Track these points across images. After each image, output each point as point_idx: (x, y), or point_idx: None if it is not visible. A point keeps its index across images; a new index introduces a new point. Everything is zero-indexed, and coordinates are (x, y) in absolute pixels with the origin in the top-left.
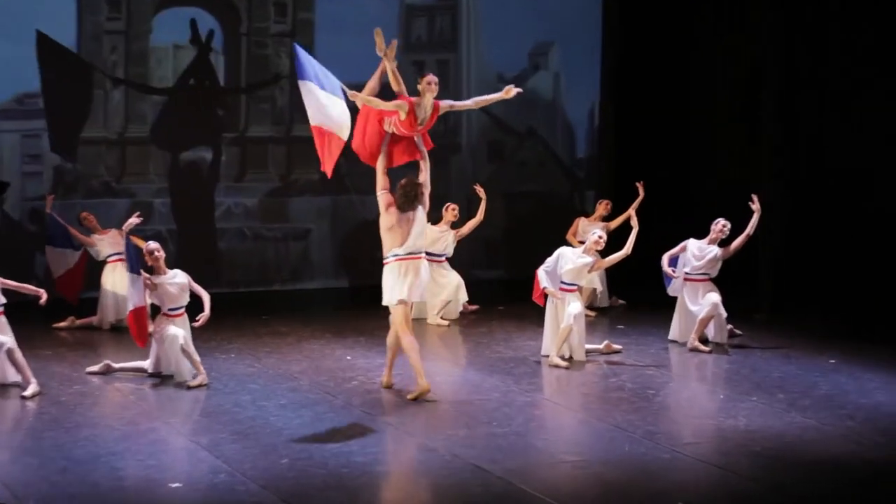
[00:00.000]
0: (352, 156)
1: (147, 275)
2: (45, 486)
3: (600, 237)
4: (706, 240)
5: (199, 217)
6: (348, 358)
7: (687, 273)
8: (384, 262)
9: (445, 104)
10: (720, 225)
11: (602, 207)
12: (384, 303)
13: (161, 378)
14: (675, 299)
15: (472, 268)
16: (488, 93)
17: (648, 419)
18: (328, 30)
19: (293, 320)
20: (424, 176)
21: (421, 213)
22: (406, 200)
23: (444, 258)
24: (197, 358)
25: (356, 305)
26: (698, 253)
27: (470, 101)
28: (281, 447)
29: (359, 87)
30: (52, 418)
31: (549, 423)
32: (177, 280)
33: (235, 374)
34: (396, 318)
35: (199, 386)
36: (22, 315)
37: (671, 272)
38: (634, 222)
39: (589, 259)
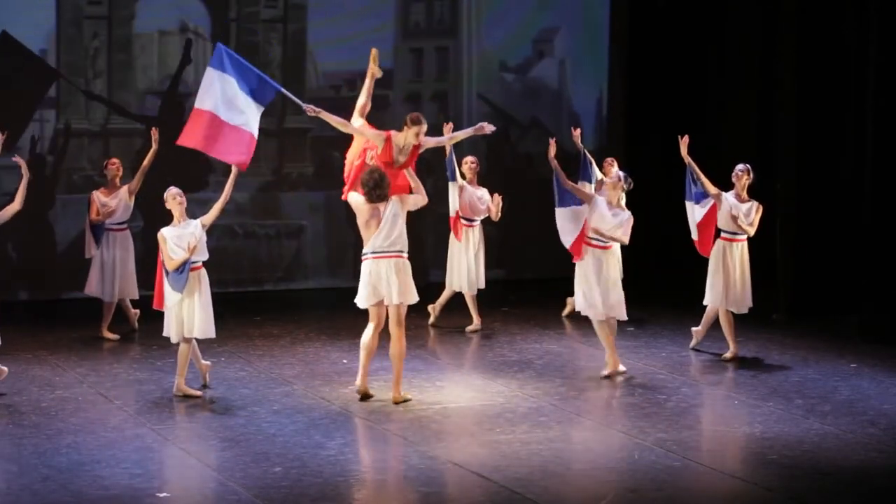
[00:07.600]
0: (344, 150)
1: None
2: (26, 495)
3: (609, 181)
4: (733, 196)
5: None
6: (344, 361)
7: (724, 231)
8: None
9: (425, 143)
10: (743, 179)
11: (608, 166)
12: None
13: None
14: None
15: None
16: (489, 83)
17: (659, 426)
18: (321, 14)
19: (286, 322)
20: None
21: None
22: (374, 189)
23: (477, 222)
24: (184, 362)
25: (352, 306)
26: (733, 211)
27: (445, 137)
28: (274, 455)
29: (354, 76)
30: (32, 424)
31: (554, 430)
32: (188, 230)
33: (226, 379)
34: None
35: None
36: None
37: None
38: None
39: (625, 216)
